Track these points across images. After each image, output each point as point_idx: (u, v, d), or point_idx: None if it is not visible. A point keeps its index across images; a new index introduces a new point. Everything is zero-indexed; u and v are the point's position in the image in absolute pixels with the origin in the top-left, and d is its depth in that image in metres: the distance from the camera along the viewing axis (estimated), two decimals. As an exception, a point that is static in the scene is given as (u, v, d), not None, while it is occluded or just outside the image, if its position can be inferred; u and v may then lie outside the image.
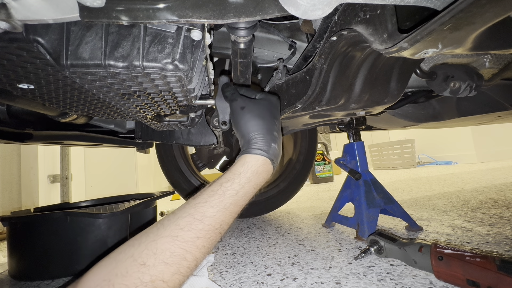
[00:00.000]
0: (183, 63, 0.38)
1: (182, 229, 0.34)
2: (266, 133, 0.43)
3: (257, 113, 0.45)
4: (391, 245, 0.58)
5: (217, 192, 0.38)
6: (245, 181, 0.40)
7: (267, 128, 0.44)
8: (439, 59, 0.57)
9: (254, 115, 0.45)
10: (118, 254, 0.34)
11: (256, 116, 0.45)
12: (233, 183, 0.39)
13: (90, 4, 0.30)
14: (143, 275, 0.31)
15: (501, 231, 0.73)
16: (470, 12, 0.23)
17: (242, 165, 0.41)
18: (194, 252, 0.34)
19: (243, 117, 0.45)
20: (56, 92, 0.46)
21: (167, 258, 0.32)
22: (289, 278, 0.57)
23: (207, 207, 0.37)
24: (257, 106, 0.46)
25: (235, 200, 0.39)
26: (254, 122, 0.44)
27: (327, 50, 0.43)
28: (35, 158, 1.91)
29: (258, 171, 0.41)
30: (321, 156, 2.90)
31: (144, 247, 0.33)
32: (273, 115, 0.47)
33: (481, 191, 1.34)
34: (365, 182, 0.82)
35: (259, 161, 0.41)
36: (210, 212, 0.36)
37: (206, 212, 0.36)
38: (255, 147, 0.42)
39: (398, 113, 0.90)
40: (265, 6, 0.32)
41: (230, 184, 0.39)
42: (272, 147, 0.43)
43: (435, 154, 3.77)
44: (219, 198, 0.38)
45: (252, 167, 0.41)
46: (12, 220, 0.73)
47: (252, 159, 0.41)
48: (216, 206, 0.37)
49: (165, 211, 1.75)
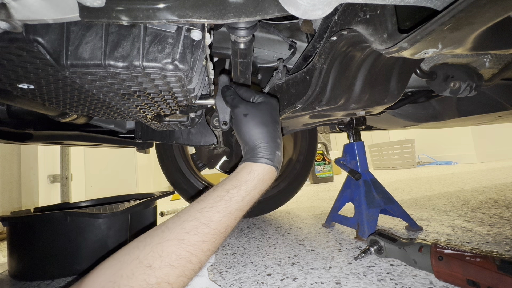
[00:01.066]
0: (183, 63, 0.38)
1: (188, 233, 0.35)
2: (271, 141, 0.44)
3: (260, 120, 0.45)
4: (391, 245, 0.58)
5: (224, 198, 0.39)
6: (251, 188, 0.41)
7: (271, 136, 0.45)
8: (439, 59, 0.57)
9: (258, 122, 0.45)
10: (123, 255, 0.34)
11: (260, 124, 0.45)
12: (240, 190, 0.40)
13: (90, 4, 0.30)
14: (149, 277, 0.31)
15: (501, 231, 0.73)
16: (470, 12, 0.23)
17: (249, 173, 0.42)
18: (199, 255, 0.35)
19: (246, 125, 0.45)
20: (56, 92, 0.46)
21: (173, 260, 0.32)
22: (289, 278, 0.57)
23: (214, 212, 0.37)
24: (260, 112, 0.47)
25: (240, 206, 0.40)
26: (258, 130, 0.45)
27: (327, 50, 0.43)
28: (35, 158, 1.91)
29: (264, 179, 0.43)
30: (321, 156, 2.90)
31: (150, 249, 0.33)
32: (274, 120, 0.47)
33: (481, 191, 1.34)
34: (365, 182, 0.82)
35: (265, 169, 0.43)
36: (216, 217, 0.37)
37: (212, 217, 0.37)
38: (261, 155, 0.43)
39: (398, 113, 0.90)
40: (265, 6, 0.32)
41: (237, 191, 0.40)
42: (276, 155, 0.44)
43: (435, 154, 3.77)
44: (225, 204, 0.38)
45: (258, 175, 0.42)
46: (12, 220, 0.73)
47: (259, 168, 0.42)
48: (222, 212, 0.38)
49: (165, 211, 1.75)
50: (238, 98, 0.50)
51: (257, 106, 0.48)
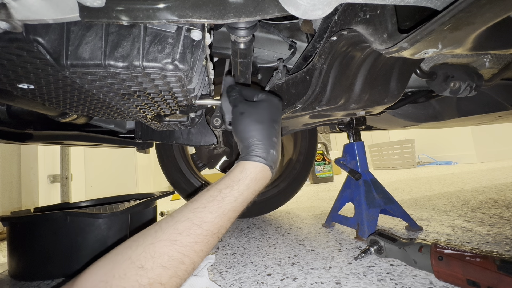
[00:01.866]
0: (183, 63, 0.38)
1: (180, 234, 0.35)
2: (265, 139, 0.43)
3: (256, 118, 0.45)
4: (391, 245, 0.58)
5: (216, 198, 0.39)
6: (244, 187, 0.40)
7: (266, 134, 0.44)
8: (439, 59, 0.57)
9: (253, 120, 0.44)
10: (116, 255, 0.34)
11: (255, 121, 0.44)
12: (232, 190, 0.40)
13: (90, 4, 0.30)
14: (141, 277, 0.31)
15: (501, 231, 0.73)
16: (470, 12, 0.23)
17: (241, 171, 0.41)
18: (192, 256, 0.35)
19: (241, 123, 0.45)
20: (56, 92, 0.46)
21: (165, 261, 0.32)
22: (289, 278, 0.57)
23: (206, 212, 0.37)
24: (257, 110, 0.46)
25: (233, 206, 0.39)
26: (253, 128, 0.44)
27: (327, 50, 0.43)
28: (35, 158, 1.91)
29: (256, 178, 0.42)
30: (321, 156, 2.90)
31: (142, 249, 0.33)
32: (273, 118, 0.46)
33: (481, 191, 1.34)
34: (365, 182, 0.82)
35: (257, 168, 0.42)
36: (208, 217, 0.37)
37: (205, 218, 0.37)
38: (253, 153, 0.42)
39: (398, 113, 0.90)
40: (265, 6, 0.32)
41: (229, 191, 0.39)
42: (270, 153, 0.43)
43: (435, 154, 3.77)
44: (218, 204, 0.38)
45: (251, 174, 0.41)
46: (12, 220, 0.73)
47: (251, 166, 0.42)
48: (215, 212, 0.37)
49: (165, 211, 1.75)
50: (240, 97, 0.49)
51: (255, 104, 0.47)
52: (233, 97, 0.50)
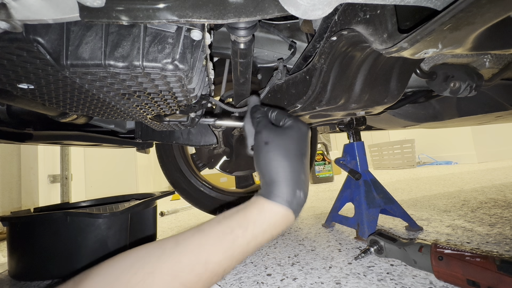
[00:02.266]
0: (183, 63, 0.38)
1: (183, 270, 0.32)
2: (291, 178, 0.37)
3: (283, 151, 0.39)
4: (391, 245, 0.58)
5: (227, 237, 0.34)
6: (259, 231, 0.35)
7: (293, 171, 0.38)
8: (439, 59, 0.57)
9: (279, 153, 0.38)
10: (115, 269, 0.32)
11: (281, 156, 0.38)
12: (246, 231, 0.35)
13: (90, 4, 0.30)
14: None
15: (501, 231, 0.73)
16: (470, 12, 0.23)
17: (259, 212, 0.36)
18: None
19: (265, 155, 0.39)
20: (56, 92, 0.46)
21: None
22: (289, 278, 0.57)
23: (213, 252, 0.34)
24: (284, 141, 0.40)
25: (244, 250, 0.35)
26: (278, 164, 0.38)
27: (327, 50, 0.43)
28: (35, 158, 1.91)
29: (276, 224, 0.36)
30: (321, 156, 2.91)
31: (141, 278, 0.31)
32: (301, 151, 0.40)
33: (481, 191, 1.34)
34: (365, 182, 0.82)
35: (279, 212, 0.36)
36: (215, 258, 0.33)
37: (211, 258, 0.33)
38: (276, 193, 0.36)
39: (398, 113, 0.90)
40: (265, 6, 0.32)
41: (242, 232, 0.35)
42: (297, 195, 0.37)
43: (435, 154, 3.77)
44: (227, 245, 0.34)
45: (270, 218, 0.36)
46: (12, 220, 0.73)
47: (272, 209, 0.36)
48: (224, 253, 0.34)
49: (165, 211, 1.75)
50: (265, 121, 0.44)
51: (282, 132, 0.41)
52: (257, 120, 0.44)
